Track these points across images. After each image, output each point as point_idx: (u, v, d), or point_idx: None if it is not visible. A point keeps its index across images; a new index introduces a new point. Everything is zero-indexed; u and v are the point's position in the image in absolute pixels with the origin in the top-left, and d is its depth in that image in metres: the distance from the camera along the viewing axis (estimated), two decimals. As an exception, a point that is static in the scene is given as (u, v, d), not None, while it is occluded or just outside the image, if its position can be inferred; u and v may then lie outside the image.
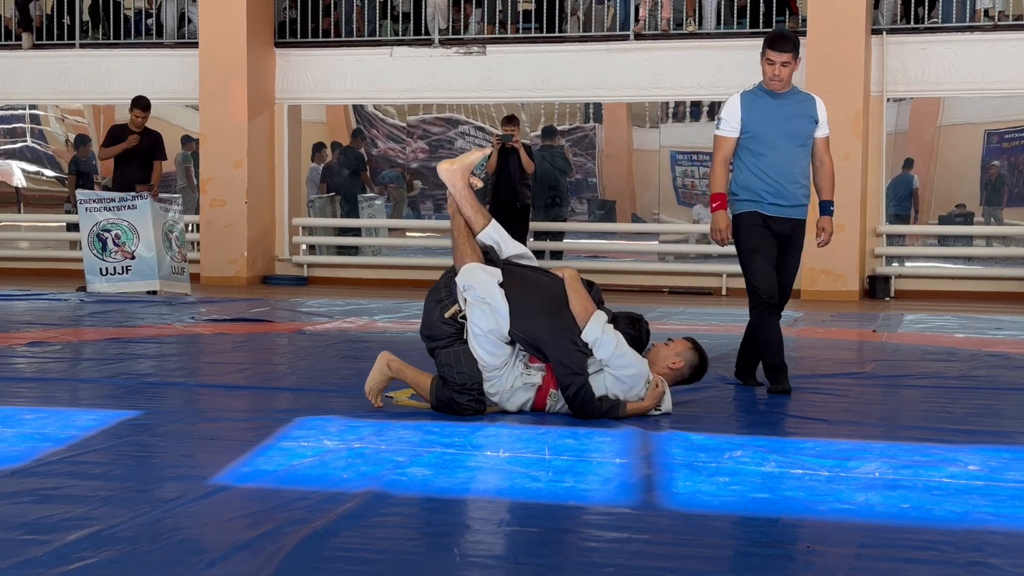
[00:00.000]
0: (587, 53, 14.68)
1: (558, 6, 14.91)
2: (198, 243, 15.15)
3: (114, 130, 12.60)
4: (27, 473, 4.06)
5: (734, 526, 3.58)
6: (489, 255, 5.50)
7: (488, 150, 6.21)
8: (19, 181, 16.87)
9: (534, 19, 15.19)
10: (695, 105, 15.11)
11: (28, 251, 16.83)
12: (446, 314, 5.32)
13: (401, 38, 15.39)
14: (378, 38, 15.49)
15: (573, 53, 14.73)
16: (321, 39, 15.49)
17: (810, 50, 12.90)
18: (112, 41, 16.05)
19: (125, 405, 5.47)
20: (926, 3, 14.04)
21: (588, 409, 5.17)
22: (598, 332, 5.21)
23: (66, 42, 16.14)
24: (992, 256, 14.36)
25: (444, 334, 5.31)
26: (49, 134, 16.82)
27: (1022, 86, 13.63)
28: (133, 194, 12.24)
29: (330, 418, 5.09)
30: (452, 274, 5.42)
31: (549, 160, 14.85)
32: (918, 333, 9.51)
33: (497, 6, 15.27)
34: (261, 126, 15.20)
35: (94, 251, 12.22)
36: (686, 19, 14.58)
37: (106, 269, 12.22)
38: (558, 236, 15.12)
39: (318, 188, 15.91)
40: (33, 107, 16.63)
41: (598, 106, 15.33)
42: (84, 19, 16.35)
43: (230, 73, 14.84)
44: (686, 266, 14.95)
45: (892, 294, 13.86)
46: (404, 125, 15.76)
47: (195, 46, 15.21)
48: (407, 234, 16.41)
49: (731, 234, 6.22)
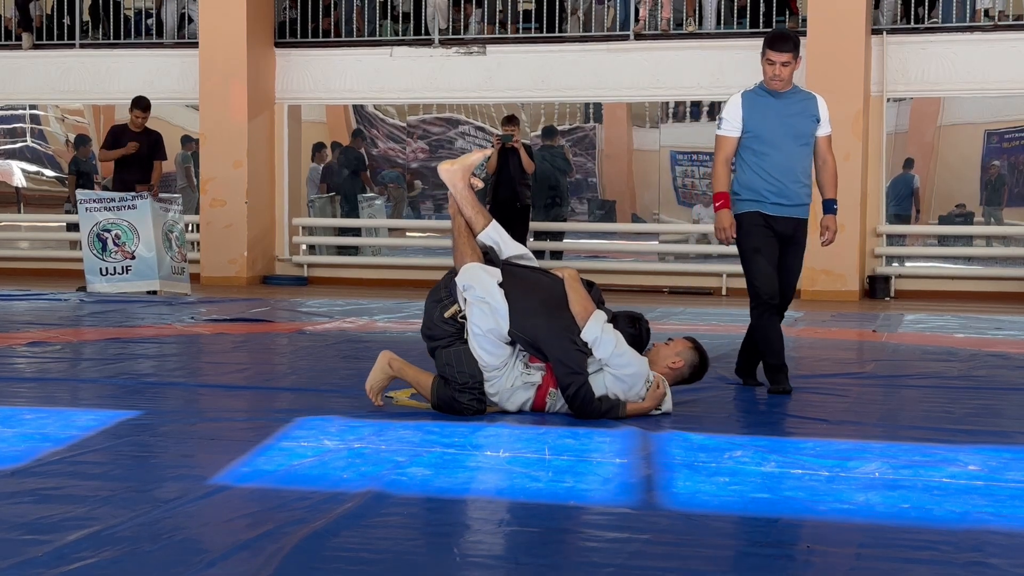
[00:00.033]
0: (587, 53, 14.68)
1: (558, 6, 14.91)
2: (198, 243, 15.15)
3: (114, 130, 12.60)
4: (27, 473, 4.05)
5: (734, 526, 3.58)
6: (489, 256, 5.50)
7: (488, 151, 6.20)
8: (19, 181, 16.87)
9: (534, 19, 15.19)
10: (695, 105, 15.11)
11: (28, 251, 16.84)
12: (446, 314, 5.32)
13: (401, 38, 15.39)
14: (378, 38, 15.49)
15: (573, 53, 14.73)
16: (321, 39, 15.50)
17: (810, 50, 12.90)
18: (112, 41, 16.06)
19: (125, 405, 5.47)
20: (926, 3, 14.04)
21: (588, 409, 5.17)
22: (597, 331, 5.21)
23: (66, 42, 16.15)
24: (992, 256, 14.36)
25: (444, 334, 5.32)
26: (49, 134, 16.82)
27: (1022, 86, 13.63)
28: (133, 194, 12.24)
29: (330, 418, 5.09)
30: (453, 275, 5.42)
31: (549, 160, 14.85)
32: (918, 333, 9.51)
33: (497, 6, 15.27)
34: (261, 126, 15.20)
35: (94, 251, 12.22)
36: (686, 19, 14.59)
37: (106, 269, 12.21)
38: (558, 236, 15.12)
39: (318, 188, 15.91)
40: (33, 107, 16.63)
41: (598, 106, 15.33)
42: (84, 19, 16.35)
43: (230, 73, 14.84)
44: (686, 266, 14.96)
45: (892, 294, 13.86)
46: (404, 125, 15.76)
47: (195, 46, 15.21)
48: (407, 234, 16.41)
49: (735, 232, 6.20)
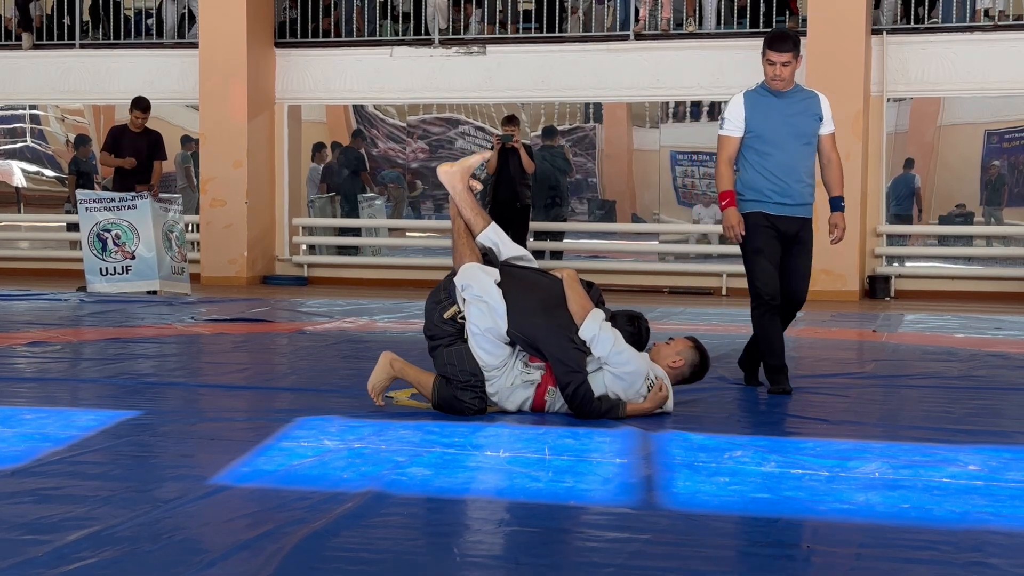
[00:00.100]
0: (587, 53, 14.68)
1: (558, 6, 14.91)
2: (198, 243, 15.15)
3: (114, 131, 12.60)
4: (27, 473, 4.06)
5: (734, 526, 3.58)
6: (488, 257, 5.51)
7: (487, 154, 6.21)
8: (19, 181, 16.87)
9: (534, 19, 15.19)
10: (695, 105, 15.11)
11: (28, 251, 16.83)
12: (445, 315, 5.33)
13: (401, 38, 15.39)
14: (378, 38, 15.49)
15: (573, 53, 14.73)
16: (321, 39, 15.49)
17: (810, 50, 12.90)
18: (112, 41, 16.06)
19: (125, 405, 5.47)
20: (926, 3, 14.04)
21: (587, 408, 5.17)
22: (595, 329, 5.21)
23: (66, 42, 16.15)
24: (992, 256, 14.36)
25: (445, 334, 5.32)
26: (49, 134, 16.82)
27: (1022, 86, 13.63)
28: (133, 194, 12.25)
29: (330, 418, 5.09)
30: (453, 277, 5.43)
31: (549, 160, 14.85)
32: (918, 333, 9.51)
33: (497, 6, 15.27)
34: (261, 126, 15.20)
35: (94, 251, 12.22)
36: (686, 19, 14.59)
37: (106, 269, 12.21)
38: (558, 236, 15.12)
39: (318, 188, 15.90)
40: (33, 107, 16.63)
41: (598, 106, 15.33)
42: (84, 19, 16.35)
43: (230, 73, 14.84)
44: (686, 266, 14.95)
45: (892, 294, 13.86)
46: (404, 125, 15.76)
47: (195, 46, 15.21)
48: (407, 234, 16.41)
49: (744, 229, 6.14)
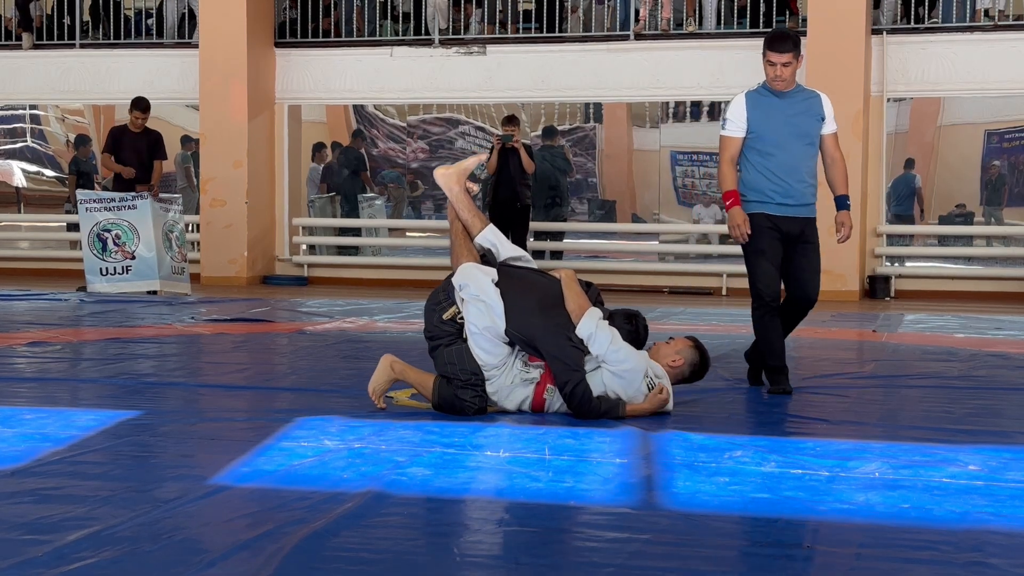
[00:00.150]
0: (587, 53, 14.68)
1: (558, 6, 14.91)
2: (198, 243, 15.15)
3: (114, 132, 12.60)
4: (27, 473, 4.06)
5: (734, 526, 3.58)
6: (487, 258, 5.52)
7: (483, 157, 6.22)
8: (19, 181, 16.87)
9: (534, 19, 15.19)
10: (695, 105, 15.11)
11: (28, 251, 16.83)
12: (444, 316, 5.34)
13: (401, 38, 15.39)
14: (378, 38, 15.49)
15: (573, 53, 14.73)
16: (321, 39, 15.49)
17: (810, 50, 12.89)
18: (112, 41, 16.06)
19: (125, 405, 5.47)
20: (926, 3, 14.04)
21: (586, 407, 5.16)
22: (592, 327, 5.21)
23: (66, 42, 16.15)
24: (992, 256, 14.36)
25: (445, 334, 5.34)
26: (49, 134, 16.82)
27: (1022, 86, 13.63)
28: (133, 194, 12.24)
29: (330, 418, 5.09)
30: (451, 279, 5.44)
31: (549, 160, 14.85)
32: (918, 333, 9.51)
33: (497, 6, 15.27)
34: (261, 126, 15.20)
35: (94, 251, 12.22)
36: (686, 19, 14.58)
37: (106, 269, 12.21)
38: (558, 236, 15.12)
39: (318, 188, 15.90)
40: (33, 107, 16.63)
41: (598, 106, 15.33)
42: (84, 19, 16.35)
43: (230, 73, 14.84)
44: (686, 266, 14.95)
45: (892, 294, 13.86)
46: (404, 125, 15.76)
47: (195, 46, 15.21)
48: (407, 234, 16.41)
49: (749, 228, 6.10)
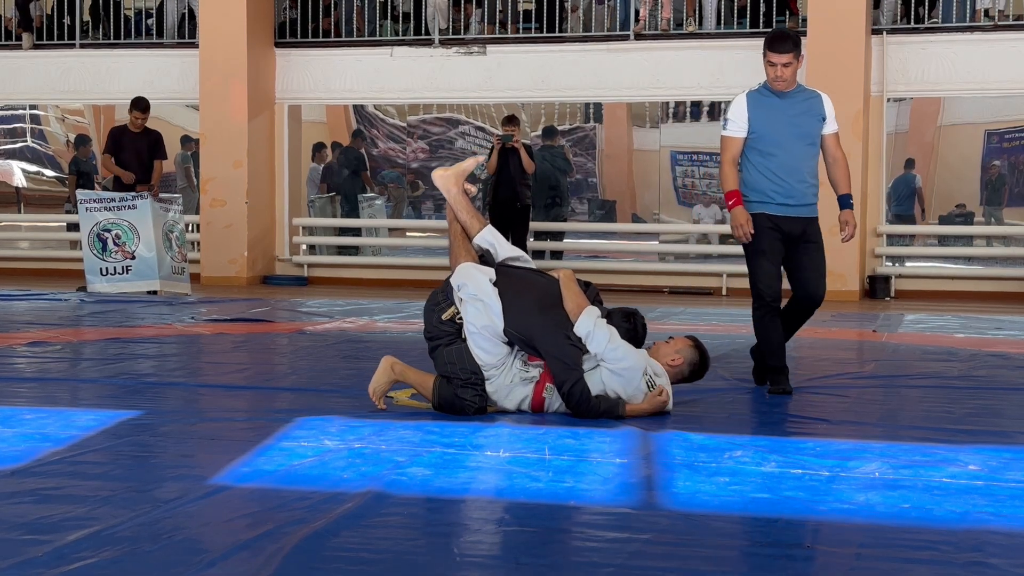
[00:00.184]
0: (587, 53, 14.68)
1: (558, 6, 14.91)
2: (198, 243, 15.15)
3: (114, 132, 12.60)
4: (27, 473, 4.06)
5: (734, 526, 3.58)
6: (485, 258, 5.53)
7: (481, 158, 6.24)
8: (19, 181, 16.87)
9: (534, 19, 15.19)
10: (695, 105, 15.11)
11: (28, 251, 16.83)
12: (443, 316, 5.35)
13: (401, 38, 15.38)
14: (378, 38, 15.49)
15: (573, 53, 14.73)
16: (321, 39, 15.49)
17: (810, 50, 12.89)
18: (112, 41, 16.05)
19: (125, 405, 5.47)
20: (926, 3, 14.04)
21: (584, 407, 5.16)
22: (590, 325, 5.22)
23: (66, 42, 16.14)
24: (992, 256, 14.36)
25: (444, 334, 5.35)
26: (49, 134, 16.82)
27: (1022, 86, 13.63)
28: (133, 194, 12.24)
29: (330, 418, 5.09)
30: (450, 280, 5.46)
31: (549, 160, 14.85)
32: (918, 333, 9.51)
33: (497, 6, 15.27)
34: (261, 126, 15.20)
35: (94, 251, 12.22)
36: (686, 19, 14.58)
37: (106, 269, 12.21)
38: (558, 236, 15.12)
39: (318, 188, 15.91)
40: (33, 107, 16.63)
41: (598, 106, 15.33)
42: (84, 19, 16.35)
43: (230, 73, 14.84)
44: (686, 266, 14.95)
45: (892, 294, 13.86)
46: (404, 125, 15.76)
47: (195, 46, 15.21)
48: (407, 234, 16.41)
49: (752, 228, 6.08)
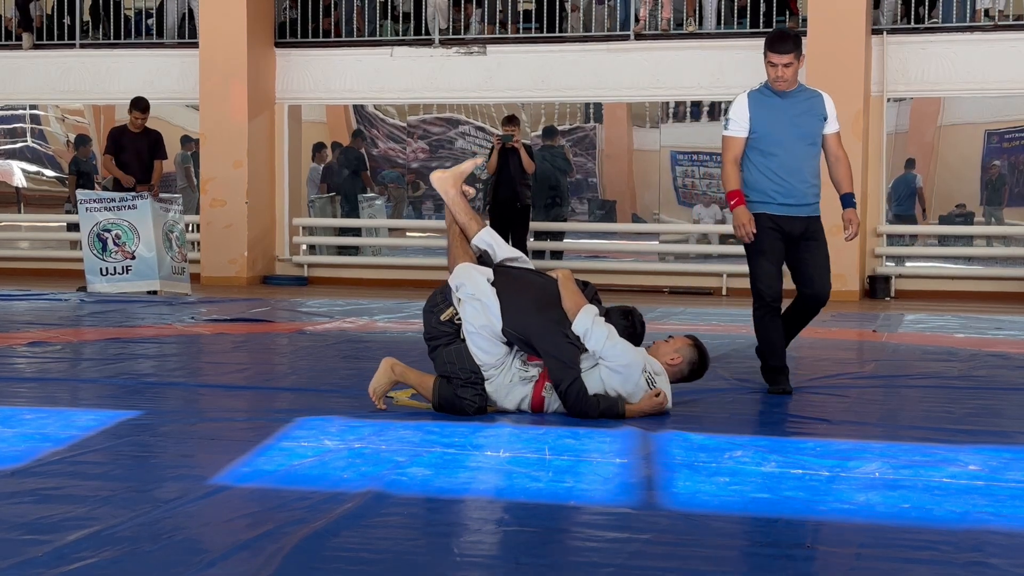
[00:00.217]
0: (587, 53, 14.68)
1: (558, 6, 14.91)
2: (198, 243, 15.15)
3: (114, 133, 12.59)
4: (27, 473, 4.06)
5: (734, 526, 3.58)
6: (483, 259, 5.54)
7: (479, 160, 6.25)
8: (19, 181, 16.87)
9: (534, 19, 15.19)
10: (695, 105, 15.11)
11: (28, 251, 16.83)
12: (442, 317, 5.36)
13: (401, 38, 15.38)
14: (378, 38, 15.49)
15: (573, 53, 14.73)
16: (321, 39, 15.49)
17: (810, 50, 12.88)
18: (112, 41, 16.05)
19: (125, 405, 5.47)
20: (926, 3, 14.04)
21: (581, 406, 5.16)
22: (588, 323, 5.22)
23: (66, 42, 16.14)
24: (992, 256, 14.35)
25: (443, 334, 5.35)
26: (49, 134, 16.82)
27: (1022, 86, 13.63)
28: (133, 194, 12.25)
29: (330, 418, 5.09)
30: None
31: (549, 160, 14.85)
32: (918, 333, 9.51)
33: (497, 6, 15.27)
34: (261, 126, 15.20)
35: (94, 251, 12.22)
36: (686, 19, 14.58)
37: (106, 269, 12.21)
38: (558, 236, 15.12)
39: (318, 188, 15.91)
40: (33, 107, 16.63)
41: (598, 106, 15.33)
42: (84, 19, 16.35)
43: (230, 73, 14.84)
44: (686, 266, 14.95)
45: (892, 294, 13.86)
46: (404, 125, 15.76)
47: (195, 46, 15.21)
48: (407, 234, 16.41)
49: (754, 227, 6.08)
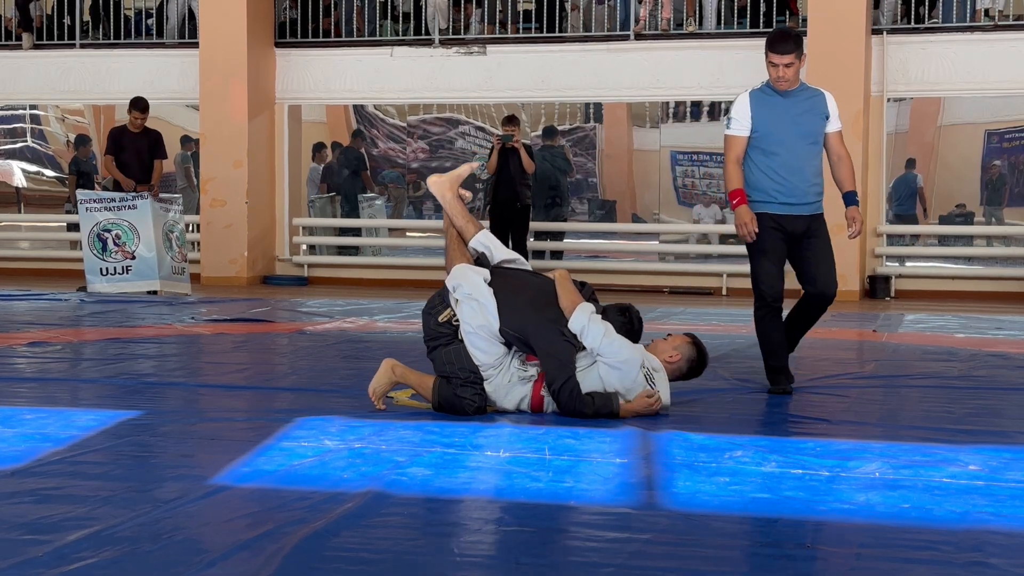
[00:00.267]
0: (587, 53, 14.68)
1: (558, 6, 14.91)
2: (198, 243, 15.15)
3: (114, 133, 12.60)
4: (27, 473, 4.06)
5: (734, 526, 3.58)
6: (481, 261, 5.54)
7: (476, 165, 6.27)
8: (19, 181, 16.87)
9: (534, 19, 15.19)
10: (695, 105, 15.11)
11: (28, 251, 16.83)
12: (440, 318, 5.37)
13: (401, 38, 15.38)
14: (378, 38, 15.49)
15: (573, 53, 14.73)
16: (321, 39, 15.49)
17: (810, 50, 12.86)
18: (112, 41, 16.05)
19: (125, 405, 5.47)
20: (926, 3, 14.04)
21: (574, 405, 5.15)
22: (584, 320, 5.23)
23: (66, 42, 16.14)
24: (992, 256, 14.36)
25: (442, 335, 5.36)
26: (49, 134, 16.82)
27: (1022, 86, 13.63)
28: (133, 194, 12.25)
29: (330, 418, 5.09)
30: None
31: (549, 160, 14.85)
32: (918, 333, 9.51)
33: (497, 6, 15.27)
34: (261, 126, 15.20)
35: (94, 251, 12.22)
36: (686, 19, 14.58)
37: (106, 269, 12.21)
38: (558, 236, 15.12)
39: (318, 188, 15.91)
40: (33, 107, 16.63)
41: (598, 106, 15.33)
42: (84, 19, 16.35)
43: (230, 73, 14.84)
44: (686, 266, 14.95)
45: (892, 294, 13.86)
46: (404, 125, 15.76)
47: (195, 46, 15.21)
48: (407, 234, 16.41)
49: (756, 227, 6.07)
